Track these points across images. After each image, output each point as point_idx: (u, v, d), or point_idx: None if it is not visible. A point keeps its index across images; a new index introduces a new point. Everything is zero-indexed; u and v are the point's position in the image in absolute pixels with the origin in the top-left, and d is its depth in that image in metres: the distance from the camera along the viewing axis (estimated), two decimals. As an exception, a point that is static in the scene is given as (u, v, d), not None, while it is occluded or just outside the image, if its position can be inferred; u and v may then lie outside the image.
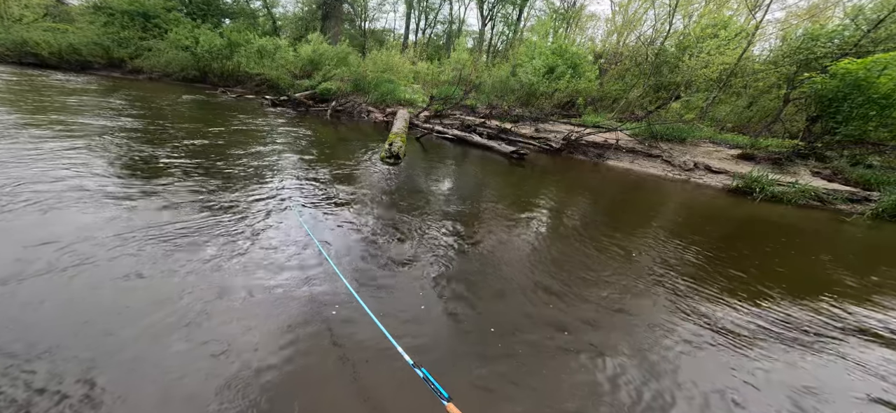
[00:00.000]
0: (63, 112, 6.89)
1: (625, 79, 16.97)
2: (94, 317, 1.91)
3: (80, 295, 2.05)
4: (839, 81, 7.78)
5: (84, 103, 8.28)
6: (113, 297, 2.07)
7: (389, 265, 2.83)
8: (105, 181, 3.73)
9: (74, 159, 4.21)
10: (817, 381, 2.04)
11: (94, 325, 1.85)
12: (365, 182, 4.97)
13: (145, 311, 1.99)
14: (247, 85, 15.53)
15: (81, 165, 4.05)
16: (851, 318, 2.74)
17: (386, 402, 1.63)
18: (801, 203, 6.54)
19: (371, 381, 1.73)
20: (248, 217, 3.35)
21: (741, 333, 2.43)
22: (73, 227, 2.74)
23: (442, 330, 2.16)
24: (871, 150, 8.10)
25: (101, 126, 6.12)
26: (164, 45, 16.69)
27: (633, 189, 7.06)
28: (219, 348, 1.79)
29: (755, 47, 14.10)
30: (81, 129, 5.68)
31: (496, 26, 26.05)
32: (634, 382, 1.90)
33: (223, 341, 1.84)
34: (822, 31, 9.82)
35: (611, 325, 2.40)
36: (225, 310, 2.08)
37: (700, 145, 9.82)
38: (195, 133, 6.60)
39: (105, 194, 3.41)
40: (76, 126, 5.86)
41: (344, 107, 12.66)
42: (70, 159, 4.18)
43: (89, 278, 2.20)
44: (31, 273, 2.17)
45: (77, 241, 2.55)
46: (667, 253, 3.69)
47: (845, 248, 4.61)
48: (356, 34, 25.45)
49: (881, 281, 3.48)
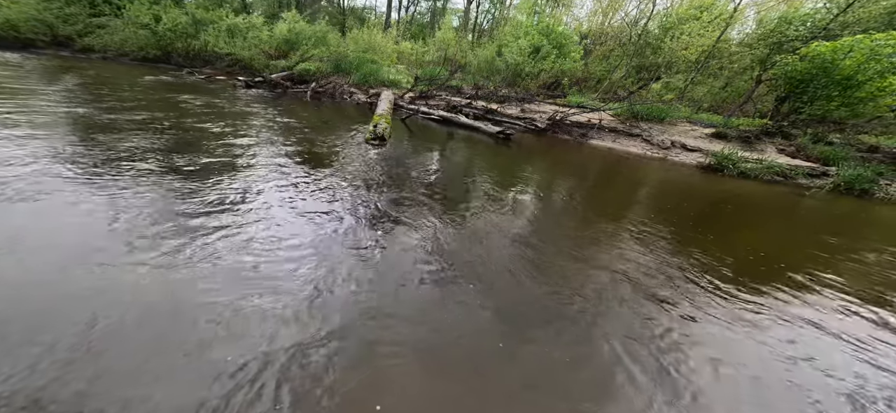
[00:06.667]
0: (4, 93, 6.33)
1: (609, 59, 17.12)
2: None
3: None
4: (809, 64, 8.16)
5: (38, 82, 7.61)
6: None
7: (373, 242, 2.86)
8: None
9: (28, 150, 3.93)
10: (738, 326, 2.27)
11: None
12: (350, 164, 4.90)
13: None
14: (216, 65, 14.59)
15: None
16: (789, 283, 3.01)
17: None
18: (766, 179, 6.97)
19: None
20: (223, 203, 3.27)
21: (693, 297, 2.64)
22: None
23: (424, 307, 2.23)
24: (832, 129, 8.63)
25: (57, 111, 5.68)
26: (120, 22, 15.30)
27: (614, 167, 7.29)
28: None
29: (733, 30, 14.49)
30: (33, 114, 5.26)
31: (482, 4, 25.44)
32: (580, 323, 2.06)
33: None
34: (797, 13, 10.14)
35: (580, 289, 2.54)
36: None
37: (677, 124, 10.15)
38: (158, 114, 6.24)
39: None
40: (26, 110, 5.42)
41: (325, 88, 12.20)
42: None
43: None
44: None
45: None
46: (642, 226, 3.88)
47: (799, 219, 5.01)
48: (335, 12, 24.26)
49: (827, 248, 3.81)
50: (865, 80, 7.44)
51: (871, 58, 7.24)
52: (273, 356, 1.68)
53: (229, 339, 1.75)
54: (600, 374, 1.83)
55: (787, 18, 10.11)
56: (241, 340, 1.75)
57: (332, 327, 1.91)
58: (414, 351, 1.83)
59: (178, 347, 1.66)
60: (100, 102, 6.54)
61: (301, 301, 2.07)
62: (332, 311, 2.04)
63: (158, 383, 1.49)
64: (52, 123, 4.79)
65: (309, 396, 1.52)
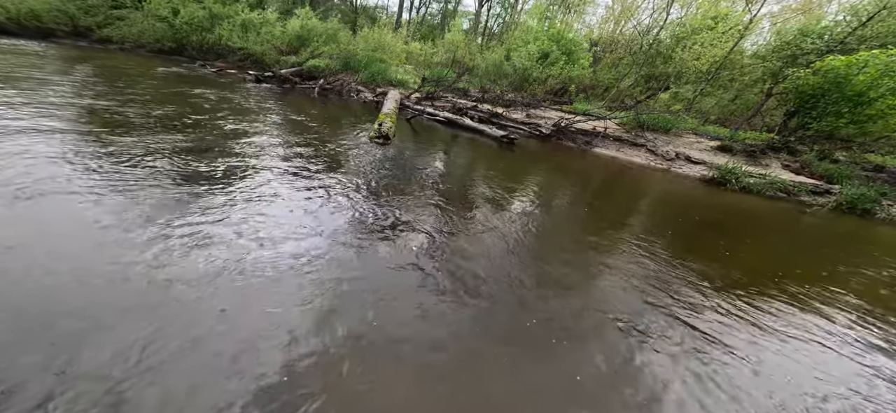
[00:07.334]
0: (27, 82, 6.60)
1: (618, 67, 17.05)
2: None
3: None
4: (821, 78, 8.04)
5: (54, 71, 7.91)
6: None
7: (372, 239, 2.97)
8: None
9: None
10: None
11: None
12: (353, 160, 5.02)
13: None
14: (229, 59, 14.90)
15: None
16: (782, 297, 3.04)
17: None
18: (768, 194, 6.92)
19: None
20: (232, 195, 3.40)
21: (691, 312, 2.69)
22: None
23: (417, 305, 2.33)
24: (838, 146, 8.52)
25: (74, 102, 5.92)
26: (140, 15, 15.73)
27: (617, 176, 7.31)
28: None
29: (747, 41, 14.28)
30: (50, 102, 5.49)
31: (493, 8, 25.49)
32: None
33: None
34: (817, 26, 9.90)
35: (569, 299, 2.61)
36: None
37: (683, 136, 10.11)
38: (170, 106, 6.45)
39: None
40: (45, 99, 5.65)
41: (332, 85, 12.40)
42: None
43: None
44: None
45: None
46: (639, 238, 3.93)
47: (798, 236, 4.99)
48: (347, 10, 24.53)
49: (826, 268, 3.81)
50: (877, 96, 7.34)
51: (886, 73, 7.15)
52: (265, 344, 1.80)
53: (225, 331, 1.87)
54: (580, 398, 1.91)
55: (805, 31, 9.91)
56: (236, 332, 1.87)
57: (319, 321, 2.02)
58: (407, 349, 1.93)
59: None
60: (119, 94, 6.78)
61: (296, 288, 2.19)
62: (325, 302, 2.15)
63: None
64: (79, 114, 5.01)
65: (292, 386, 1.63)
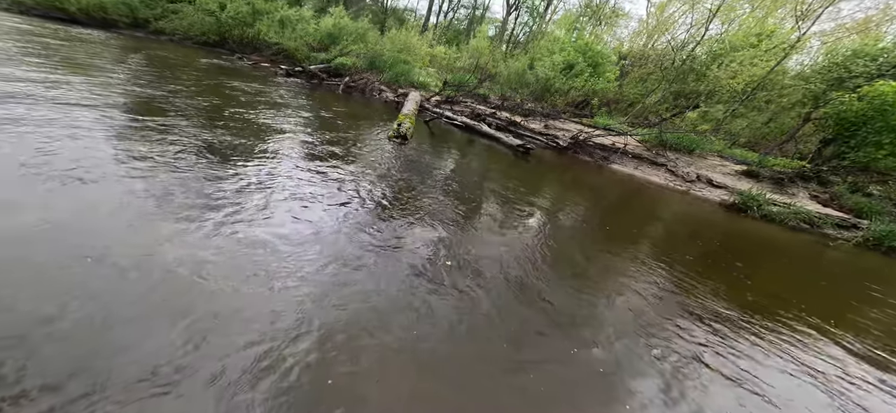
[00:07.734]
0: (91, 70, 7.35)
1: (646, 82, 16.62)
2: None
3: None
4: (867, 104, 7.59)
5: (112, 60, 8.76)
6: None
7: (383, 236, 3.19)
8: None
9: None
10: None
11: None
12: (371, 157, 5.31)
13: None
14: (264, 53, 15.84)
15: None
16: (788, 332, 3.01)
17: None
18: (791, 224, 6.64)
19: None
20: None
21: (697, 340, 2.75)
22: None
23: (421, 304, 2.52)
24: (874, 179, 8.01)
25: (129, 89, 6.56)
26: (191, 8, 17.02)
27: (632, 195, 7.23)
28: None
29: (790, 61, 13.34)
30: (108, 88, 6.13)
31: (520, 16, 25.49)
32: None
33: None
34: (872, 47, 9.11)
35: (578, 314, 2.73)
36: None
37: (707, 158, 9.80)
38: (209, 97, 7.01)
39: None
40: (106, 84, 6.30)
41: (356, 83, 12.90)
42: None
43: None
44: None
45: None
46: (647, 260, 3.96)
47: (820, 270, 4.79)
48: (377, 11, 25.28)
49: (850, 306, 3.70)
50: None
51: (938, 103, 6.67)
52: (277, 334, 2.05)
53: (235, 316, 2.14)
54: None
55: (859, 51, 9.09)
56: (246, 321, 2.06)
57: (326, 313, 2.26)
58: (408, 345, 2.08)
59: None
60: (166, 84, 7.46)
61: (307, 279, 2.44)
62: (331, 294, 2.38)
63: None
64: (134, 102, 5.60)
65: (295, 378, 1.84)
